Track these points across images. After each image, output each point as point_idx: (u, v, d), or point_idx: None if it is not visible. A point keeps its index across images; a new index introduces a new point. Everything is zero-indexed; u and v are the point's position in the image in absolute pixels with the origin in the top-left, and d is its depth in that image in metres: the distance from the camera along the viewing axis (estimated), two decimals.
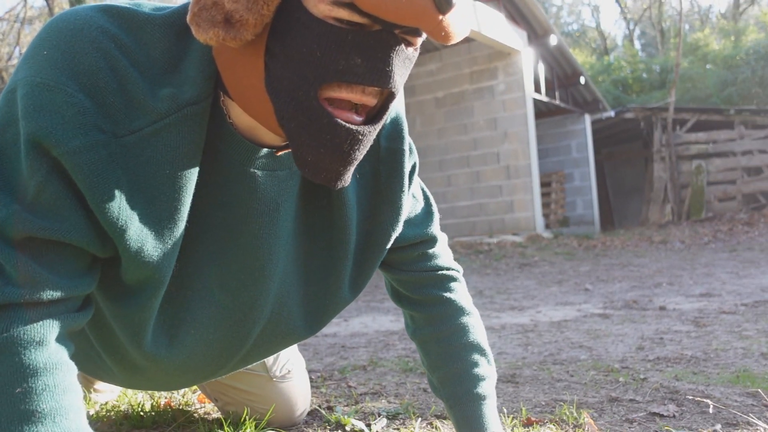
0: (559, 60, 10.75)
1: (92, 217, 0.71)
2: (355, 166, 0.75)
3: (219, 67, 0.73)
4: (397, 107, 0.95)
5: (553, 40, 9.88)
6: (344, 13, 0.65)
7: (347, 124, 0.69)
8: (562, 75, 11.06)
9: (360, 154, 0.73)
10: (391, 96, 0.72)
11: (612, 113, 11.97)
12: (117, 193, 0.69)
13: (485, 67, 9.87)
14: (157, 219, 0.74)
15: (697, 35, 19.55)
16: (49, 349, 0.69)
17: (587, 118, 11.51)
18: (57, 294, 0.70)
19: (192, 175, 0.75)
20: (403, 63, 0.69)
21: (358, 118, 0.71)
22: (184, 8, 0.76)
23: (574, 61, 10.87)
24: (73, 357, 1.02)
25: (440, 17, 0.63)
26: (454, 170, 10.13)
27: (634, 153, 13.95)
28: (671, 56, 17.97)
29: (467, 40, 9.76)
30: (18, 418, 0.65)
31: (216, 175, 0.81)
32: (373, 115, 0.73)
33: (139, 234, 0.73)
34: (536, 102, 10.52)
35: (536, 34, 9.86)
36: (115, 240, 0.72)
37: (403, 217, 0.96)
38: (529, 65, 9.71)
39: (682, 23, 13.88)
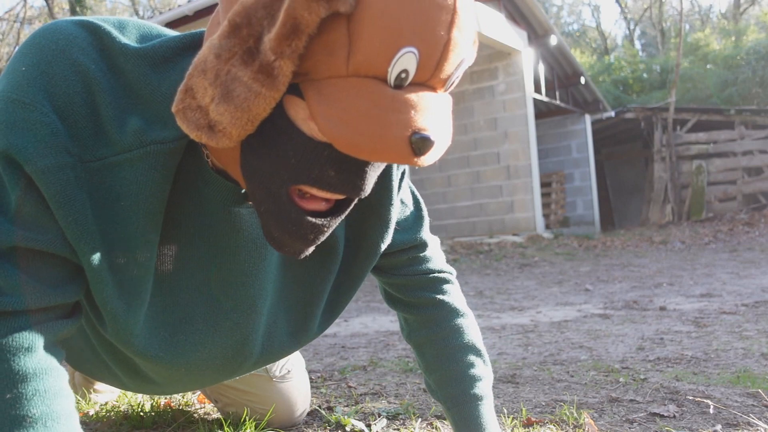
0: (559, 60, 10.75)
1: None
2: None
3: None
4: None
5: (553, 40, 9.88)
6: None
7: (314, 220, 0.70)
8: (562, 75, 11.06)
9: (324, 237, 0.73)
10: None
11: (612, 113, 11.97)
12: (80, 215, 0.70)
13: (485, 68, 9.86)
14: (111, 249, 0.73)
15: (698, 35, 19.54)
16: (38, 355, 0.70)
17: (587, 119, 11.51)
18: (44, 302, 0.70)
19: (155, 213, 0.74)
20: (376, 169, 0.70)
21: (326, 206, 0.71)
22: (172, 42, 0.75)
23: (574, 61, 10.87)
24: (83, 363, 1.03)
25: (416, 159, 0.61)
26: (454, 170, 10.13)
27: (634, 153, 13.94)
28: (671, 56, 17.96)
29: None
30: (9, 424, 0.66)
31: (200, 214, 0.81)
32: (341, 202, 0.73)
33: (95, 261, 0.72)
34: (536, 102, 10.52)
35: (536, 34, 9.86)
36: (79, 257, 0.72)
37: (392, 229, 0.96)
38: (530, 65, 9.71)
39: (683, 23, 13.87)
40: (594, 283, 5.09)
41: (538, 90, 10.27)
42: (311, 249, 0.74)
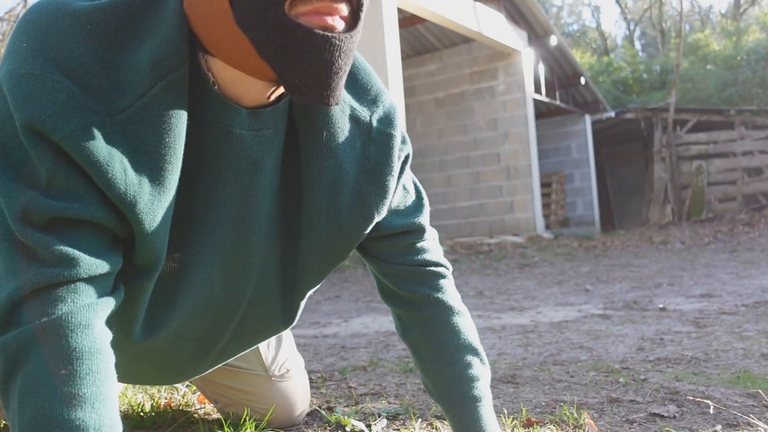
0: (559, 60, 10.76)
1: (105, 194, 0.71)
2: (343, 80, 0.75)
3: (193, 26, 0.74)
4: (393, 100, 0.96)
5: (553, 40, 9.89)
6: None
7: (324, 32, 0.70)
8: (562, 75, 11.07)
9: (344, 63, 0.73)
10: (360, 4, 0.72)
11: (612, 114, 11.97)
12: (120, 170, 0.70)
13: (485, 68, 9.87)
14: (158, 191, 0.74)
15: (698, 35, 19.57)
16: (94, 333, 0.70)
17: (587, 119, 11.51)
18: (91, 270, 0.70)
19: (181, 143, 0.75)
20: None
21: (332, 24, 0.71)
22: None
23: (574, 61, 10.88)
24: None
25: None
26: (455, 171, 10.13)
27: (634, 153, 13.95)
28: (672, 57, 17.97)
29: (467, 41, 9.76)
30: (60, 401, 0.65)
31: (201, 139, 0.80)
32: (349, 23, 0.73)
33: (148, 208, 0.73)
34: (536, 102, 10.53)
35: (536, 34, 9.86)
36: (128, 216, 0.73)
37: (389, 201, 0.95)
38: (530, 66, 9.72)
39: (683, 23, 13.88)
40: (594, 284, 5.09)
41: (538, 90, 10.28)
42: (339, 91, 0.73)
